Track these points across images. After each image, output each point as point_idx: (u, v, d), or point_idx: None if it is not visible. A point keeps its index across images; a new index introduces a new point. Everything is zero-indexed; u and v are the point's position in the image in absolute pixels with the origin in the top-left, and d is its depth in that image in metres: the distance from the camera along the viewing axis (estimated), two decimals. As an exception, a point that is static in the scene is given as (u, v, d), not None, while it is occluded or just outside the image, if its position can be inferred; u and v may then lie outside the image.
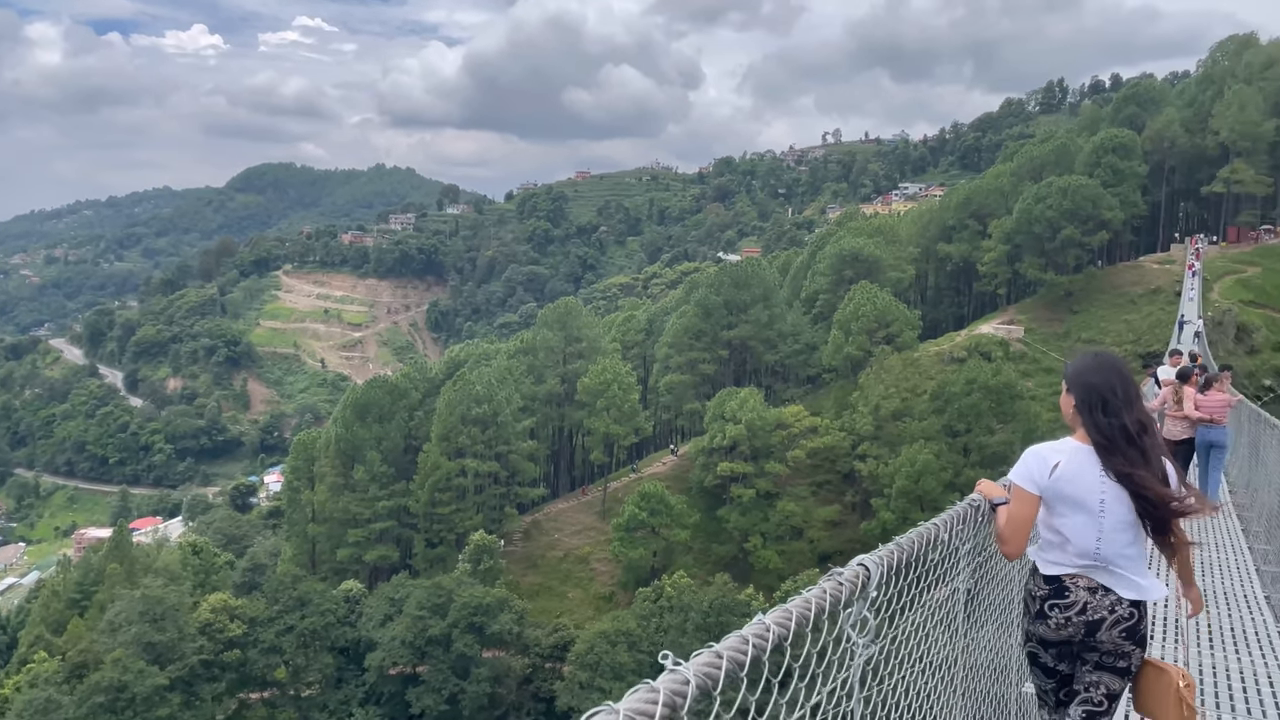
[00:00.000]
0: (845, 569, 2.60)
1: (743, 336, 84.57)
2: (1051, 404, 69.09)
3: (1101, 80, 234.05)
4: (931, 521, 3.55)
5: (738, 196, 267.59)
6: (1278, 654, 7.99)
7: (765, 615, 2.10)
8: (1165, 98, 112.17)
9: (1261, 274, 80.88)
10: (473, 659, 56.66)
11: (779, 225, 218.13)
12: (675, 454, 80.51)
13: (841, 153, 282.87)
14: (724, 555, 66.93)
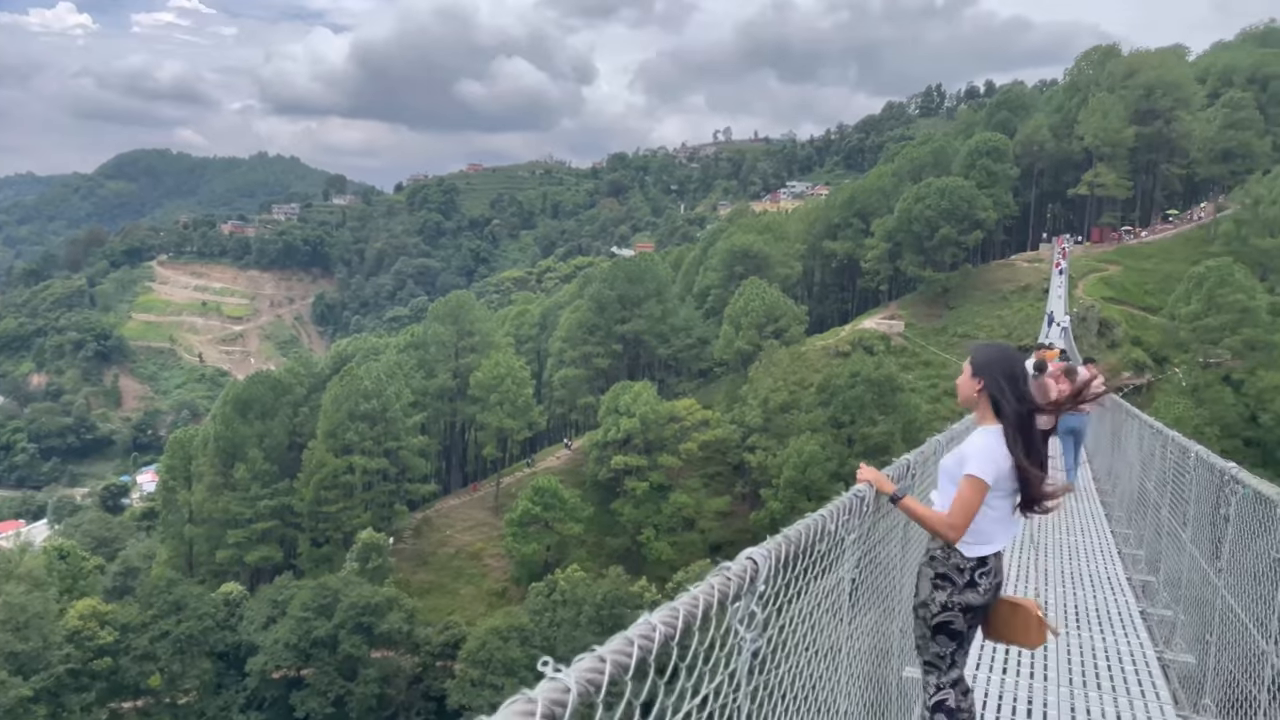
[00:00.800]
0: (733, 563, 2.60)
1: (636, 331, 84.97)
2: (930, 396, 71.89)
3: (977, 86, 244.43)
4: (819, 512, 3.60)
5: (631, 192, 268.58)
6: (1139, 632, 8.46)
7: (652, 614, 2.07)
8: (1035, 104, 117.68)
9: (1122, 272, 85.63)
10: (360, 660, 55.37)
11: (672, 221, 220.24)
12: (569, 448, 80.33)
13: (732, 151, 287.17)
14: (617, 548, 67.19)
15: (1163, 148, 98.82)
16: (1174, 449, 9.32)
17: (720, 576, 2.46)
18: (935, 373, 77.02)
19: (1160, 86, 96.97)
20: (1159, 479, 10.25)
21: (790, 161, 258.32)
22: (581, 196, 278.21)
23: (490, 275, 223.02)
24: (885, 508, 5.47)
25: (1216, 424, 60.11)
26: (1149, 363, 72.07)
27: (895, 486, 4.60)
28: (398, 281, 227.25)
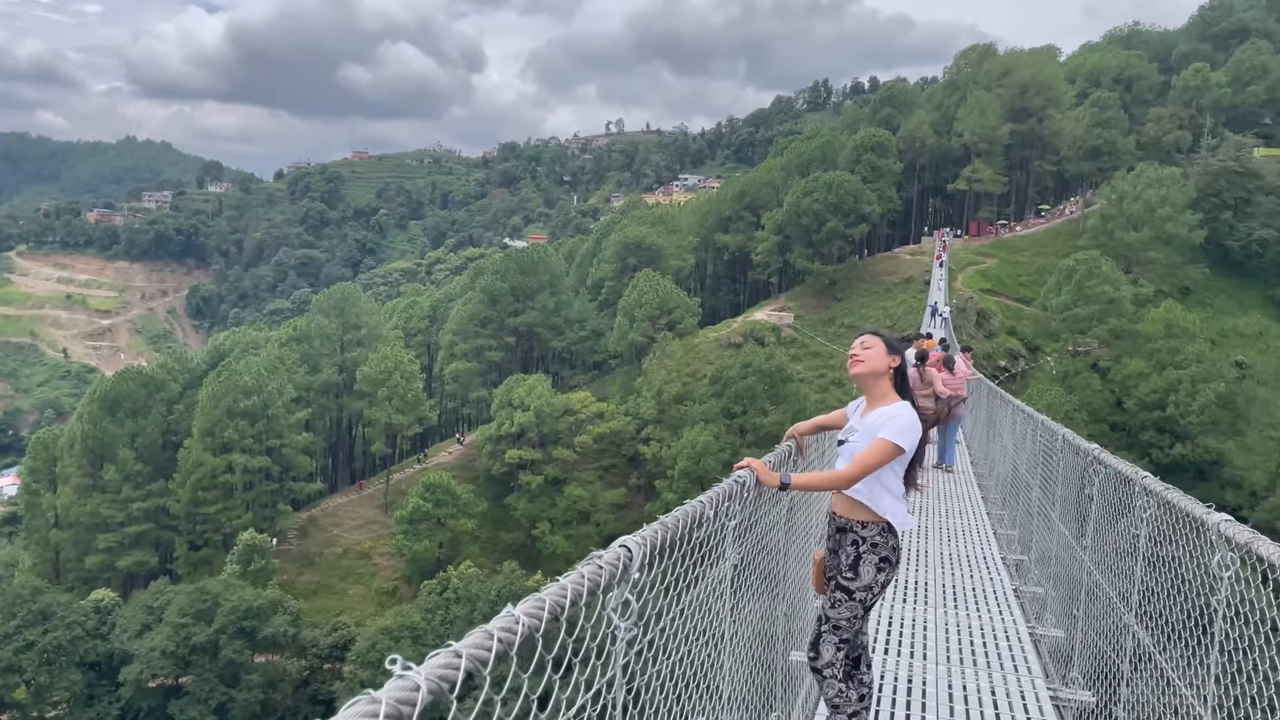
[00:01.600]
0: (606, 552, 2.51)
1: (530, 323, 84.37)
2: (819, 385, 73.59)
3: (862, 82, 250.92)
4: (698, 499, 3.55)
5: (523, 183, 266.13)
6: (1013, 609, 8.78)
7: (516, 606, 1.96)
8: (917, 101, 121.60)
9: (998, 265, 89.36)
10: (243, 665, 53.35)
11: (565, 212, 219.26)
12: (461, 443, 79.23)
13: (624, 143, 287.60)
14: (512, 543, 66.68)
15: (1035, 145, 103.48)
16: (1043, 432, 9.69)
17: (591, 565, 2.37)
18: (823, 363, 78.91)
19: (1033, 86, 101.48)
20: (1030, 461, 10.67)
21: (682, 154, 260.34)
22: (472, 186, 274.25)
23: (377, 267, 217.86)
24: (770, 495, 5.48)
25: (1085, 409, 63.35)
26: (1023, 351, 75.46)
27: (780, 475, 4.61)
28: (279, 273, 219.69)
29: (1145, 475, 5.12)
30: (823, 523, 7.99)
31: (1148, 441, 64.16)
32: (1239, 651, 3.39)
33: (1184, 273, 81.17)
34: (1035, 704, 6.35)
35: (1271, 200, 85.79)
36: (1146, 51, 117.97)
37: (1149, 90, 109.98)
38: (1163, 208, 79.01)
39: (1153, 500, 4.93)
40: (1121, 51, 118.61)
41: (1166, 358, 65.87)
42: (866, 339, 4.81)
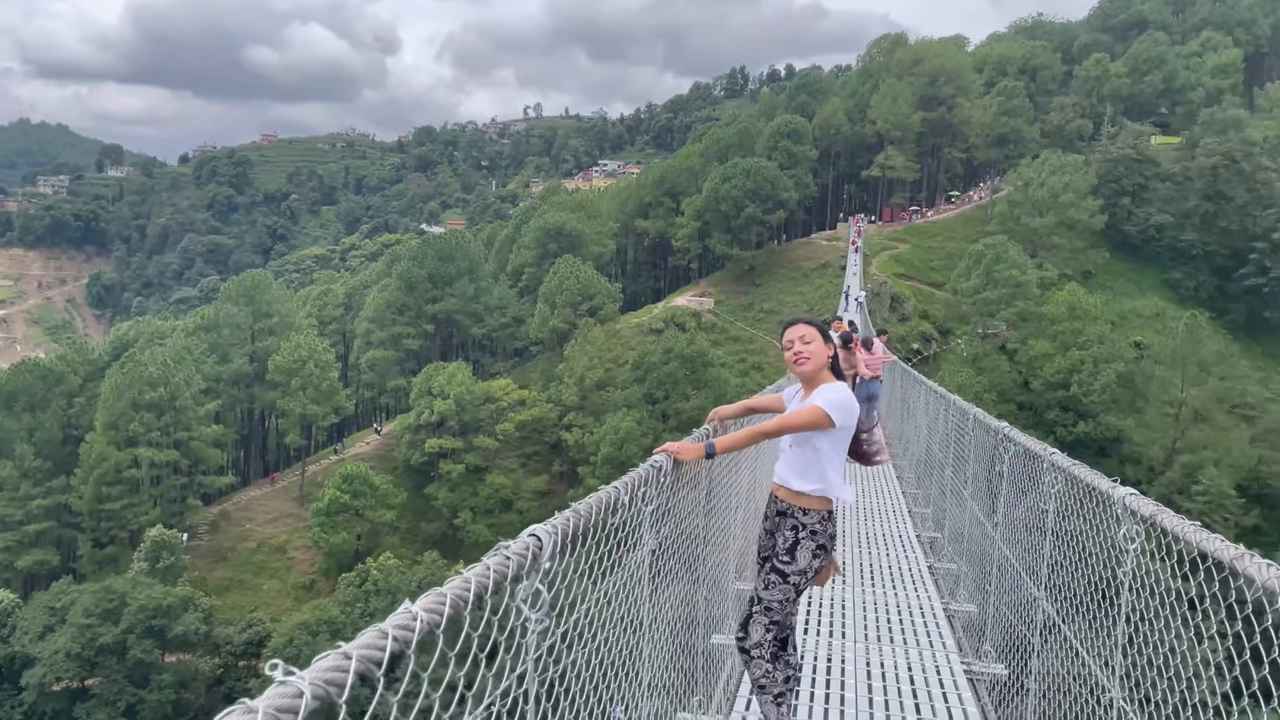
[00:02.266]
0: (514, 541, 2.41)
1: (449, 310, 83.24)
2: (739, 370, 74.33)
3: (778, 70, 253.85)
4: (612, 485, 3.47)
5: (440, 167, 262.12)
6: (928, 586, 8.95)
7: (415, 602, 1.85)
8: (831, 89, 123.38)
9: (911, 250, 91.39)
10: (153, 665, 51.66)
11: (483, 198, 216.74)
12: (379, 433, 77.87)
13: (543, 127, 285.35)
14: (433, 533, 65.89)
15: (945, 132, 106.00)
16: (955, 412, 9.89)
17: (498, 556, 2.26)
18: (744, 348, 79.73)
19: (943, 75, 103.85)
20: (943, 441, 10.89)
21: (601, 139, 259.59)
22: (387, 171, 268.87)
23: (289, 253, 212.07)
24: (688, 479, 5.45)
25: (994, 390, 65.33)
26: (935, 334, 77.42)
27: (703, 444, 4.59)
28: (185, 260, 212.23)
29: (1053, 452, 5.23)
30: (742, 506, 8.01)
31: (1053, 420, 66.50)
32: (1145, 622, 3.47)
33: (1086, 257, 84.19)
34: (950, 678, 6.47)
35: (1167, 187, 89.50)
36: (1050, 42, 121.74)
37: (1052, 80, 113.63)
38: (1066, 194, 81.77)
39: (1060, 476, 5.04)
40: (1026, 42, 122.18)
41: (1070, 339, 68.31)
42: (804, 331, 4.70)
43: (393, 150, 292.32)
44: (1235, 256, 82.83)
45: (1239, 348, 73.03)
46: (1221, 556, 2.49)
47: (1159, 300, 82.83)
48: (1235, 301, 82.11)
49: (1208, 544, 2.62)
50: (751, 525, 9.37)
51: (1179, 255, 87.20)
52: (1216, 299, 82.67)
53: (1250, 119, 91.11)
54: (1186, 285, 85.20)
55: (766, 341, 79.68)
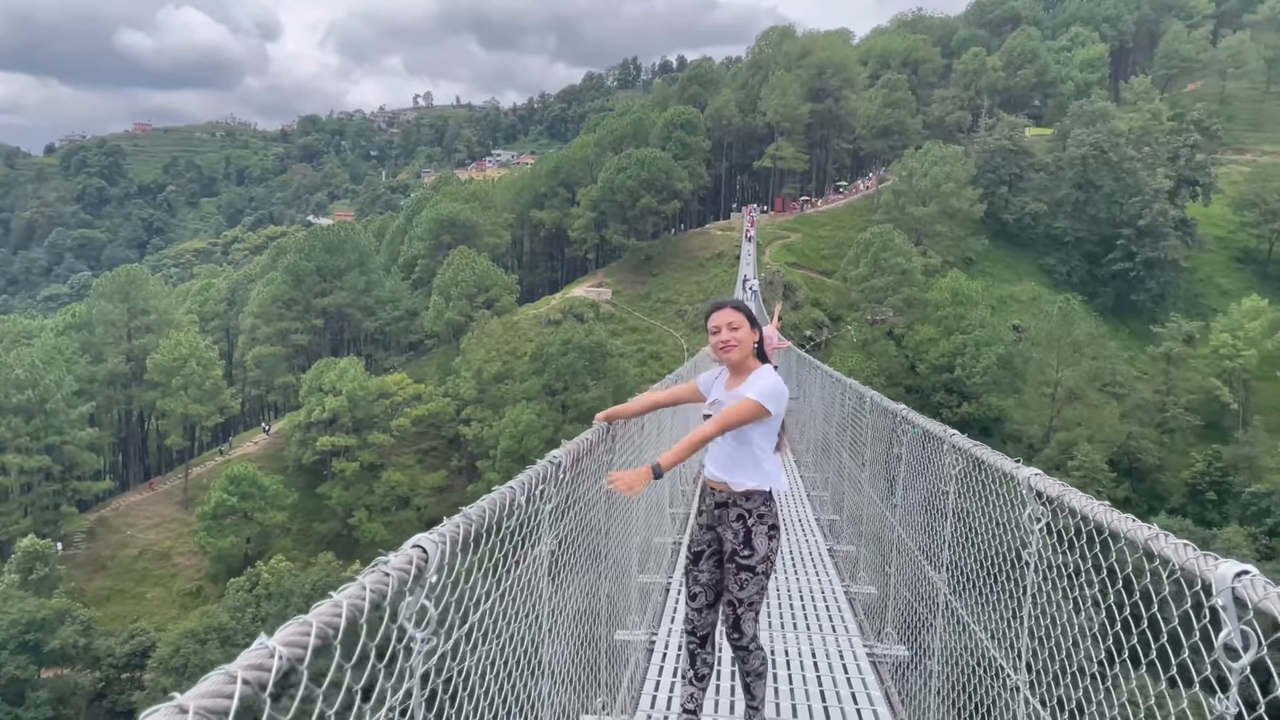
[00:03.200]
0: (395, 555, 2.17)
1: (339, 304, 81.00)
2: (638, 360, 74.53)
3: (670, 61, 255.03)
4: (507, 484, 3.26)
5: (326, 157, 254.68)
6: (829, 569, 8.99)
7: (273, 636, 1.59)
8: (722, 80, 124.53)
9: (802, 240, 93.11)
10: (29, 681, 48.83)
11: (373, 188, 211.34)
12: (268, 432, 75.22)
13: (434, 117, 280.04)
14: (327, 533, 64.11)
15: (833, 124, 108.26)
16: (852, 396, 9.97)
17: (376, 574, 2.03)
18: (642, 337, 79.94)
19: (830, 67, 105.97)
20: (840, 425, 10.99)
21: (494, 129, 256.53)
22: (270, 161, 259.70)
23: (167, 247, 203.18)
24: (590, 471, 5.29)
25: (883, 374, 67.16)
26: (826, 321, 79.12)
27: (649, 467, 4.53)
28: (53, 256, 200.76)
29: (953, 433, 5.23)
30: (644, 496, 7.87)
31: (939, 402, 68.80)
32: (1052, 604, 3.46)
33: (967, 244, 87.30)
34: (854, 661, 6.47)
35: (1041, 176, 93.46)
36: (930, 36, 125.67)
37: (933, 73, 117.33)
38: (947, 184, 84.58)
39: (961, 457, 5.04)
40: (908, 36, 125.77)
41: (953, 324, 70.77)
42: (732, 318, 4.57)
43: (276, 140, 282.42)
44: (1104, 243, 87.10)
45: (1108, 329, 76.88)
46: (1135, 537, 2.45)
47: (1035, 285, 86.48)
48: (1104, 285, 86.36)
49: (1119, 524, 2.58)
50: (654, 517, 9.26)
51: (1053, 242, 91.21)
52: (1087, 283, 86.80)
53: (1116, 111, 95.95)
54: (1060, 270, 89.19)
55: (664, 331, 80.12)
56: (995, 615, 4.24)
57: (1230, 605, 1.98)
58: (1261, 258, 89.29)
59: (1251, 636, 1.95)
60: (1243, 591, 1.93)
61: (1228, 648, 1.99)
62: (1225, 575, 1.99)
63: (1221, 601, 2.00)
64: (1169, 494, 64.79)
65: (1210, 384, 69.44)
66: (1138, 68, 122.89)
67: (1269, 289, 78.89)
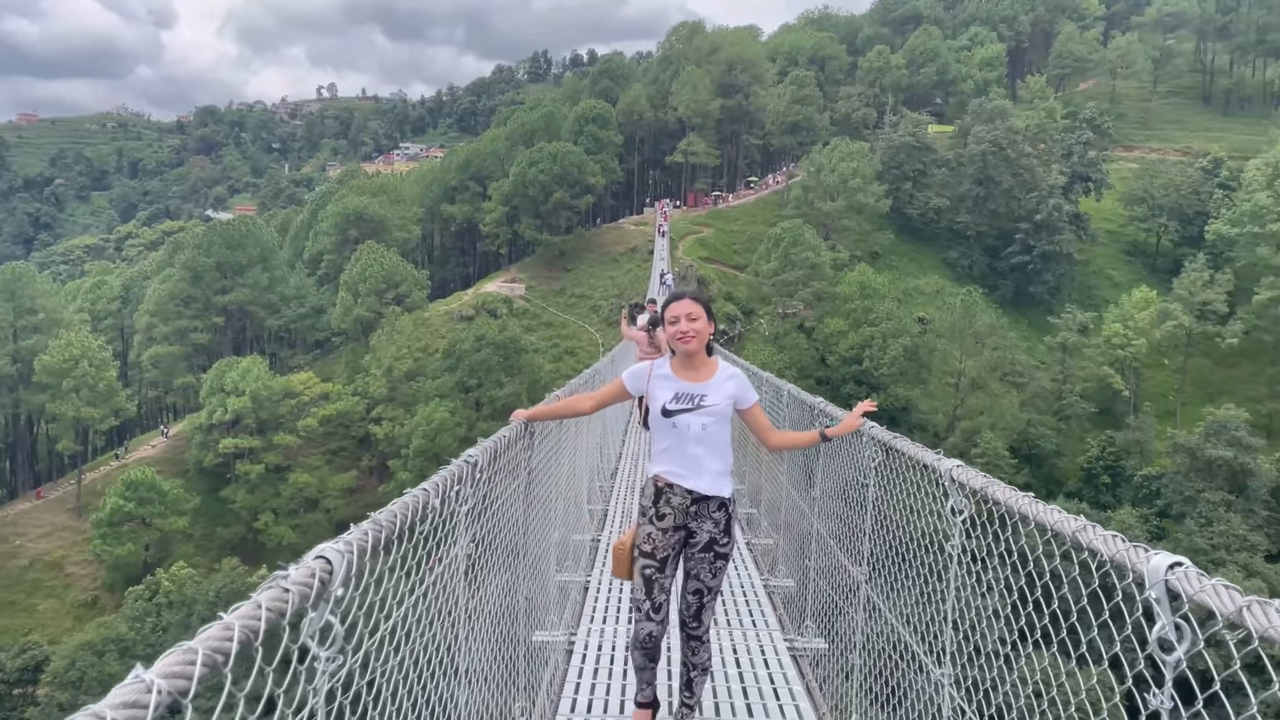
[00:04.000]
0: (295, 569, 2.00)
1: (240, 301, 78.46)
2: (553, 355, 74.13)
3: (581, 54, 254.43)
4: (420, 487, 3.09)
5: (226, 150, 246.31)
6: (747, 564, 8.98)
7: (150, 668, 1.37)
8: (634, 75, 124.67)
9: (714, 234, 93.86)
10: (-93, 707, 46.11)
11: (275, 182, 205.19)
12: (167, 435, 72.45)
13: (339, 108, 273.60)
14: (231, 538, 62.11)
15: (743, 119, 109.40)
16: (768, 388, 9.99)
17: (274, 590, 1.85)
18: (556, 333, 79.51)
19: (739, 63, 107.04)
20: (756, 418, 11.02)
21: (402, 122, 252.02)
22: (166, 154, 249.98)
23: (55, 243, 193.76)
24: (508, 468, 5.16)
25: (794, 367, 68.19)
26: (739, 315, 79.93)
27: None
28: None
29: (872, 425, 5.23)
30: (562, 495, 7.72)
31: (848, 393, 70.14)
32: (977, 596, 3.45)
33: (873, 239, 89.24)
34: (774, 656, 6.45)
35: (943, 172, 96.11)
36: (836, 34, 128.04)
37: (839, 70, 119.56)
38: (854, 179, 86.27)
39: (880, 449, 5.04)
40: (815, 33, 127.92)
41: (861, 316, 72.29)
42: (692, 309, 4.48)
43: (172, 131, 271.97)
44: (1003, 237, 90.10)
45: (1008, 321, 79.55)
46: (1063, 529, 2.43)
47: (938, 278, 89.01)
48: (1004, 278, 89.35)
49: (1045, 516, 2.56)
50: (572, 513, 9.12)
51: (955, 236, 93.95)
52: (988, 276, 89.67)
53: (1014, 109, 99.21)
54: (962, 264, 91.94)
55: (579, 326, 79.83)
56: (918, 609, 4.23)
57: (1164, 598, 1.96)
58: (1150, 251, 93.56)
59: (1186, 630, 1.93)
60: (1177, 584, 1.91)
61: (1162, 641, 1.97)
62: (1158, 568, 1.96)
63: (1155, 594, 1.97)
64: (1066, 478, 67.43)
65: (1103, 372, 72.43)
66: (1033, 67, 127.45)
67: (1156, 280, 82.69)
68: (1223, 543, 51.58)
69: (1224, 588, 1.77)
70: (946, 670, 3.65)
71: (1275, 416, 70.04)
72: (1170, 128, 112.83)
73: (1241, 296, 74.19)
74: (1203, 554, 51.13)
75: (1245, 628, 1.67)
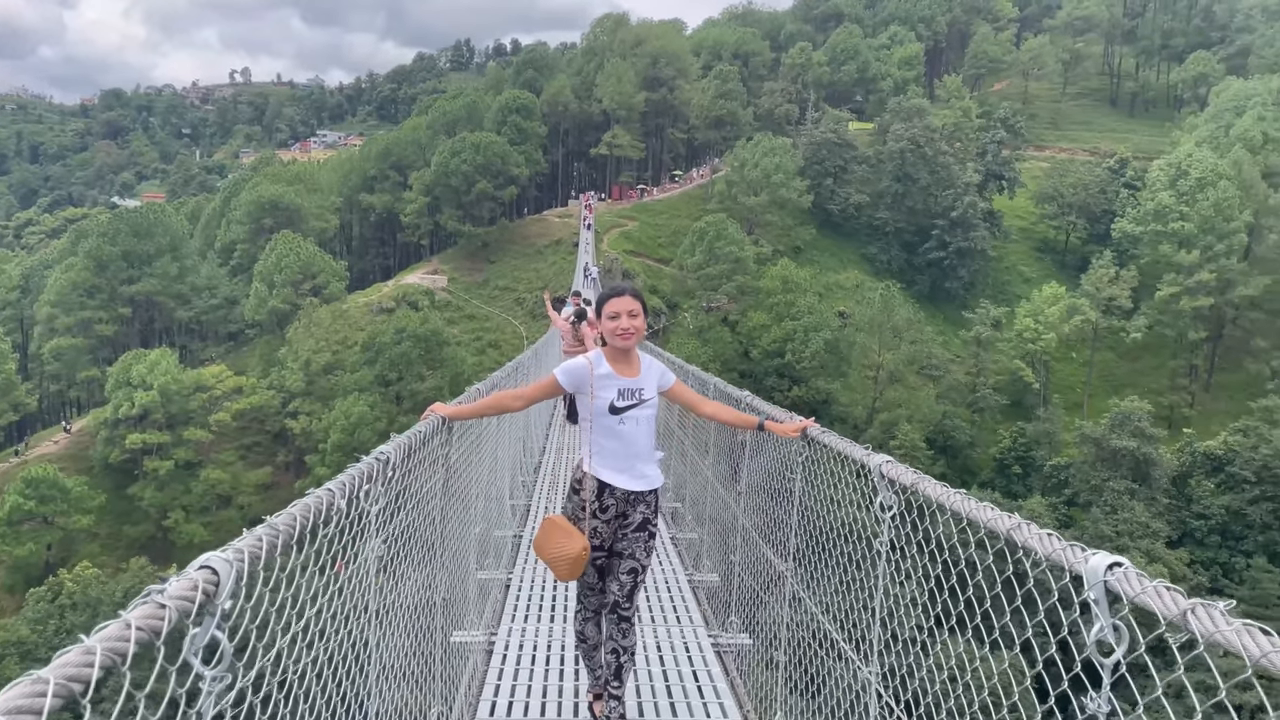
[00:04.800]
0: (175, 581, 1.80)
1: (148, 292, 75.72)
2: (476, 349, 73.27)
3: (504, 44, 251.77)
4: (325, 487, 2.89)
5: (133, 135, 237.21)
6: (671, 559, 8.89)
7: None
8: (558, 65, 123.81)
9: (639, 227, 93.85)
10: None
11: (186, 168, 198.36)
12: (69, 430, 69.50)
13: (253, 94, 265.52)
14: (139, 536, 59.96)
15: (668, 113, 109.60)
16: (694, 381, 9.91)
17: (146, 608, 1.66)
18: (480, 326, 78.60)
19: (664, 56, 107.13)
20: (681, 411, 10.92)
21: (320, 109, 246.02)
22: (69, 138, 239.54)
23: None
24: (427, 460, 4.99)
25: (718, 360, 68.65)
26: (664, 309, 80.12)
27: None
28: None
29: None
30: (483, 494, 7.51)
31: (771, 386, 70.96)
32: (905, 594, 3.40)
33: (795, 233, 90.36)
34: (699, 652, 6.37)
35: (863, 169, 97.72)
36: (760, 29, 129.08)
37: (763, 66, 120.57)
38: (777, 175, 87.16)
39: (808, 443, 4.98)
40: (739, 28, 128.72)
41: (784, 310, 73.11)
42: (633, 305, 4.59)
43: (75, 115, 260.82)
44: (920, 233, 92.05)
45: (925, 315, 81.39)
46: (997, 528, 2.36)
47: (858, 273, 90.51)
48: (921, 273, 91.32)
49: (978, 514, 2.49)
50: (494, 509, 8.92)
51: (874, 232, 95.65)
52: (906, 271, 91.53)
53: (931, 108, 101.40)
54: (881, 259, 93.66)
55: (503, 319, 79.04)
56: (845, 606, 4.18)
57: (1102, 599, 1.89)
58: (1059, 247, 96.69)
59: (1124, 632, 1.87)
60: (1117, 585, 1.84)
61: (1100, 644, 1.90)
62: (1097, 568, 1.90)
63: (1093, 595, 1.91)
64: (980, 469, 69.32)
65: (1015, 365, 74.64)
66: (950, 67, 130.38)
67: (1065, 276, 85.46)
68: (1126, 530, 53.61)
69: (1166, 589, 1.71)
70: (874, 669, 3.59)
71: (1176, 408, 73.11)
72: (1079, 128, 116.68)
73: (1145, 292, 77.22)
74: (1108, 541, 53.08)
75: (1189, 631, 1.60)
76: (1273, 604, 50.94)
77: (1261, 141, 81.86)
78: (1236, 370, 76.57)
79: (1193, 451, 60.10)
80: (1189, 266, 73.88)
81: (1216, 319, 76.07)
